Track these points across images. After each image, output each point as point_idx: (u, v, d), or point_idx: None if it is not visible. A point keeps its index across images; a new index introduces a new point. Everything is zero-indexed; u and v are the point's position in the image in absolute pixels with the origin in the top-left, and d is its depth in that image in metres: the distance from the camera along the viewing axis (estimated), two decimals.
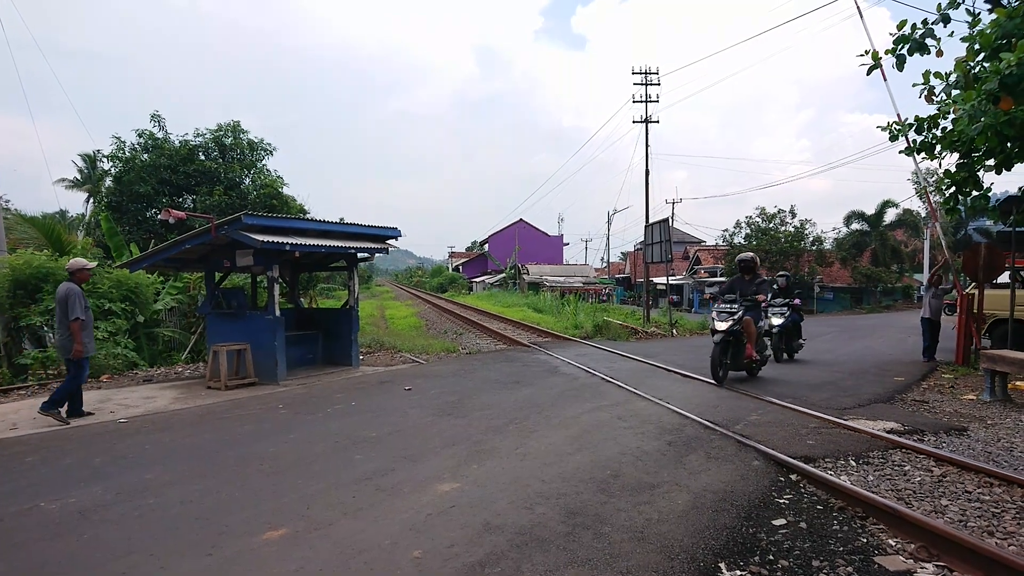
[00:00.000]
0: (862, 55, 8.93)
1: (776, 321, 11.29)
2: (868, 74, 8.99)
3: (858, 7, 11.49)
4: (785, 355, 11.83)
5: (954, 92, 7.79)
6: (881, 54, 8.64)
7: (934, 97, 8.14)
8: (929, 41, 8.02)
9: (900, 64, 8.27)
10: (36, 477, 4.82)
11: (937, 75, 7.97)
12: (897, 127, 8.90)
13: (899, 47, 8.18)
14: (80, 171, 36.06)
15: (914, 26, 8.11)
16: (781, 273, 12.97)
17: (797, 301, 11.89)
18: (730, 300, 8.84)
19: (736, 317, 8.59)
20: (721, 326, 8.59)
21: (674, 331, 18.53)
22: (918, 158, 9.57)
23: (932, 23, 8.05)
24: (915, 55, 8.17)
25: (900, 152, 9.29)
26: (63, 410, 6.92)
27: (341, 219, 12.20)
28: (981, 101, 6.93)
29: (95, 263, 7.31)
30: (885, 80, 10.58)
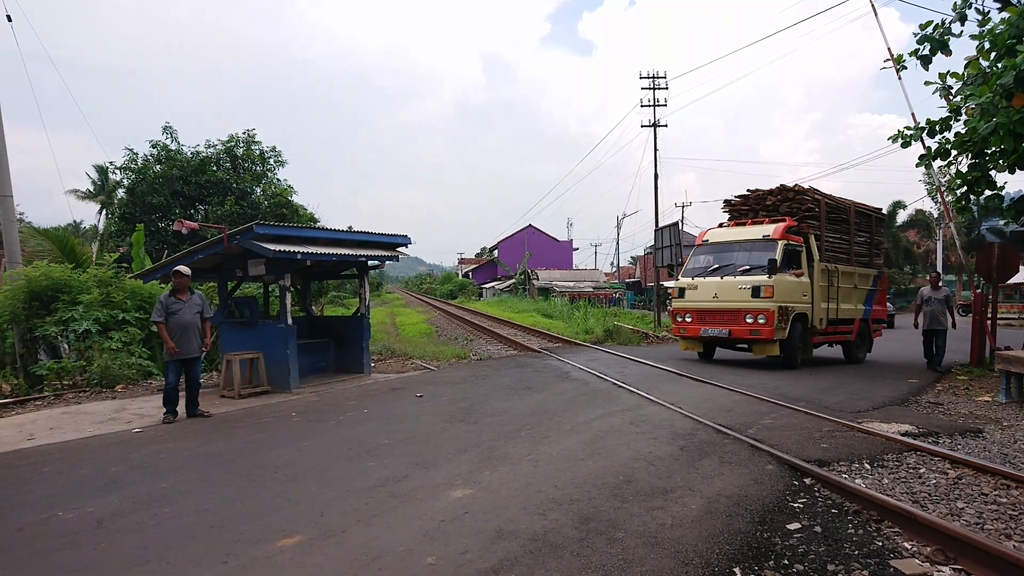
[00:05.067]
0: (886, 62, 9.03)
1: None
2: (898, 73, 9.12)
3: (873, 6, 11.43)
4: None
5: (968, 91, 7.78)
6: (906, 56, 8.68)
7: (951, 96, 8.13)
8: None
9: (925, 63, 8.28)
10: (53, 487, 4.88)
11: (954, 75, 7.96)
12: (909, 131, 8.82)
13: (922, 47, 8.21)
14: (93, 182, 36.52)
15: (936, 26, 8.12)
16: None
17: None
18: None
19: None
20: None
21: None
22: (935, 165, 9.51)
23: (950, 22, 8.06)
24: (937, 54, 8.22)
25: (916, 165, 9.22)
26: (178, 410, 7.34)
27: (350, 227, 12.28)
28: (995, 97, 6.90)
29: (182, 267, 7.53)
30: (900, 80, 10.53)
